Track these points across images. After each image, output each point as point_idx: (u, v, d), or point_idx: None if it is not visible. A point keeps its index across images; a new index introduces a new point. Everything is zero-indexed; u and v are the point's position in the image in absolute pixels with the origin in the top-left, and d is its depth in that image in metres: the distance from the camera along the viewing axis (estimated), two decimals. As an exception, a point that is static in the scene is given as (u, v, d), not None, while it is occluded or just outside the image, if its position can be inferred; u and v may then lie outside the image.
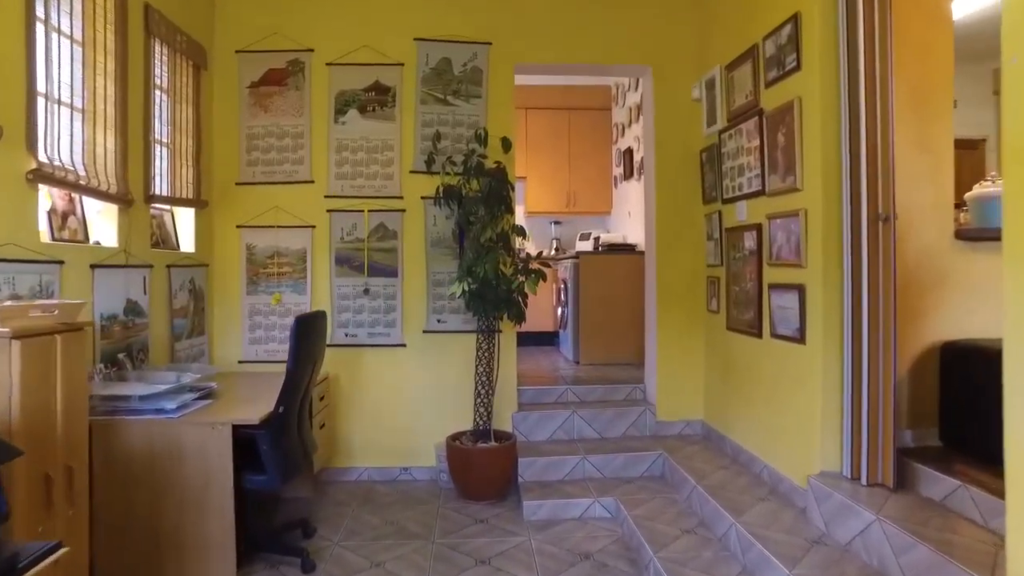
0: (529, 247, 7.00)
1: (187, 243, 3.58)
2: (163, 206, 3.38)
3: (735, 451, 3.43)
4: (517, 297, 3.51)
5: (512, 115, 3.97)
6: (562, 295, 5.80)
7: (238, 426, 2.45)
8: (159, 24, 3.13)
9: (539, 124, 6.89)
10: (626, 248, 5.62)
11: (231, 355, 3.83)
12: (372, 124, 3.88)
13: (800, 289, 2.78)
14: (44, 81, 2.33)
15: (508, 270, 3.54)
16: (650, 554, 2.60)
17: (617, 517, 3.19)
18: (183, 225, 3.58)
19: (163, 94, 3.25)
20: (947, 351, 2.64)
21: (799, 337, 2.79)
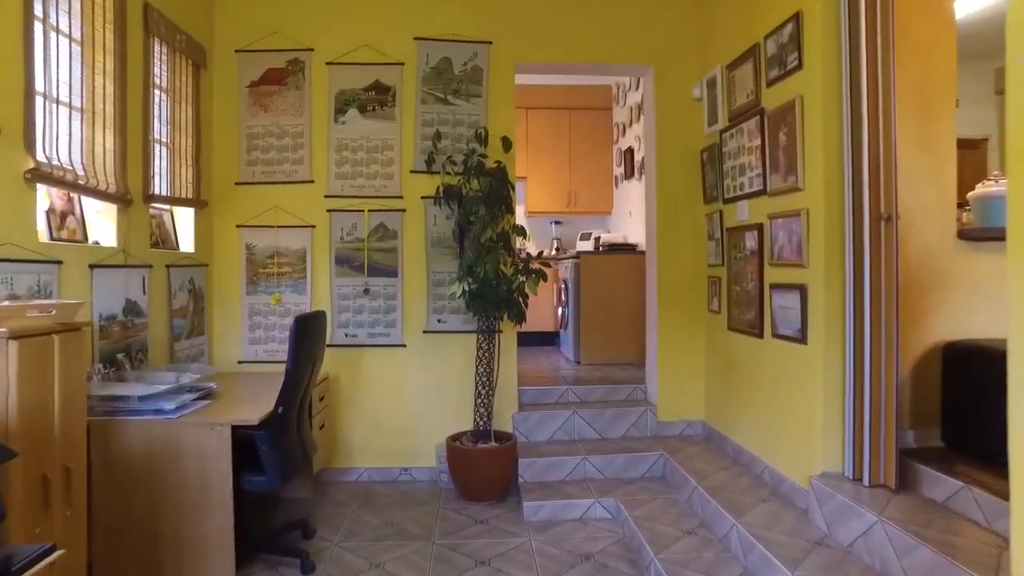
0: (530, 247, 7.00)
1: (187, 243, 3.57)
2: (162, 206, 3.37)
3: (736, 452, 3.42)
4: (517, 297, 3.50)
5: (512, 115, 3.96)
6: (563, 295, 5.79)
7: (237, 426, 2.44)
8: (158, 23, 3.12)
9: (540, 124, 6.88)
10: (627, 248, 5.61)
11: (231, 355, 3.82)
12: (372, 124, 3.87)
13: (802, 289, 2.77)
14: (43, 80, 2.32)
15: (508, 270, 3.53)
16: (651, 555, 2.59)
17: (618, 518, 3.18)
18: (183, 225, 3.57)
19: (162, 93, 3.25)
20: (949, 351, 2.63)
21: (801, 337, 2.78)
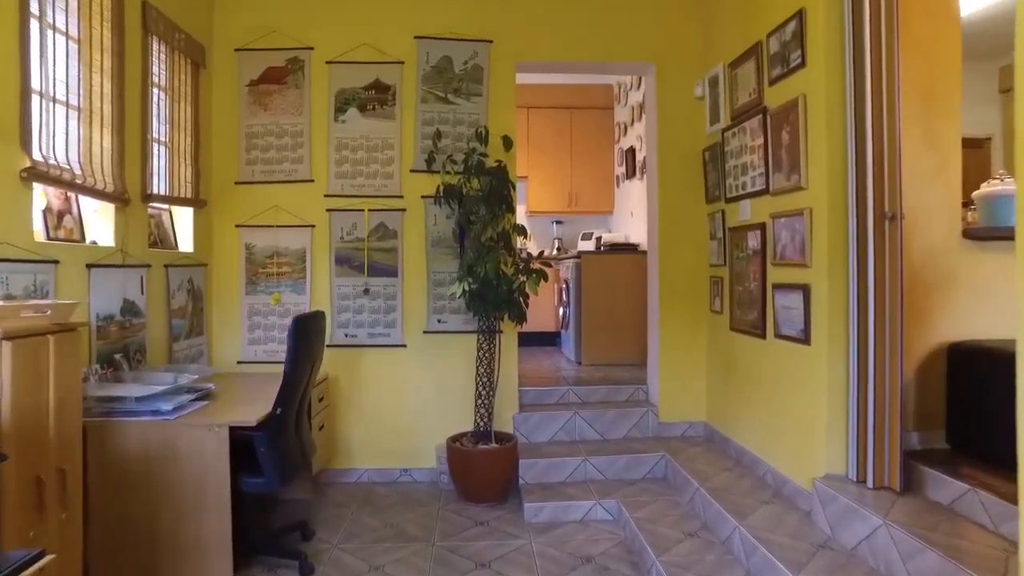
0: (531, 247, 6.97)
1: (185, 243, 3.56)
2: (161, 205, 3.35)
3: (738, 453, 3.39)
4: (518, 297, 3.48)
5: (513, 113, 3.93)
6: (564, 295, 5.76)
7: (235, 428, 2.42)
8: (157, 21, 3.10)
9: (541, 123, 6.86)
10: (628, 248, 5.59)
11: (230, 355, 3.80)
12: (372, 123, 3.85)
13: (805, 289, 2.74)
14: (39, 78, 2.31)
15: (509, 270, 3.51)
16: (652, 558, 2.56)
17: (619, 520, 3.16)
18: (181, 224, 3.55)
19: (161, 92, 3.23)
20: (954, 352, 2.60)
21: (803, 338, 2.75)
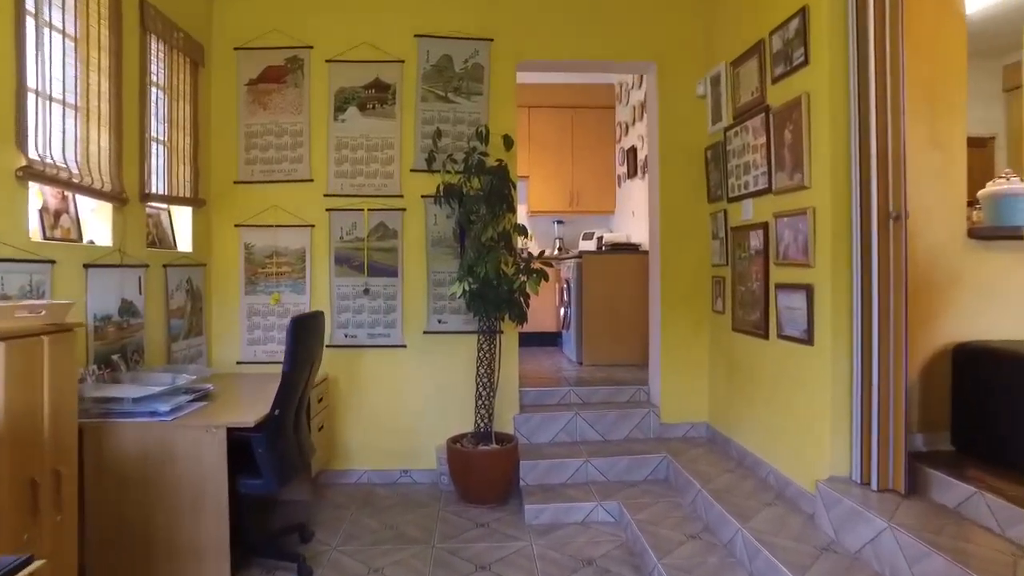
0: (532, 247, 6.94)
1: (184, 242, 3.54)
2: (160, 205, 3.33)
3: (740, 454, 3.36)
4: (519, 297, 3.46)
5: (514, 112, 3.91)
6: (565, 295, 5.74)
7: (233, 429, 2.40)
8: (155, 20, 3.08)
9: (542, 123, 6.83)
10: (630, 248, 5.57)
11: (229, 356, 3.78)
12: (372, 122, 3.83)
13: (808, 289, 2.72)
14: (35, 77, 2.29)
15: (510, 270, 3.49)
16: (654, 560, 2.54)
17: (620, 522, 3.13)
18: (180, 224, 3.53)
19: (160, 91, 3.21)
20: (959, 353, 2.57)
21: (807, 338, 2.73)
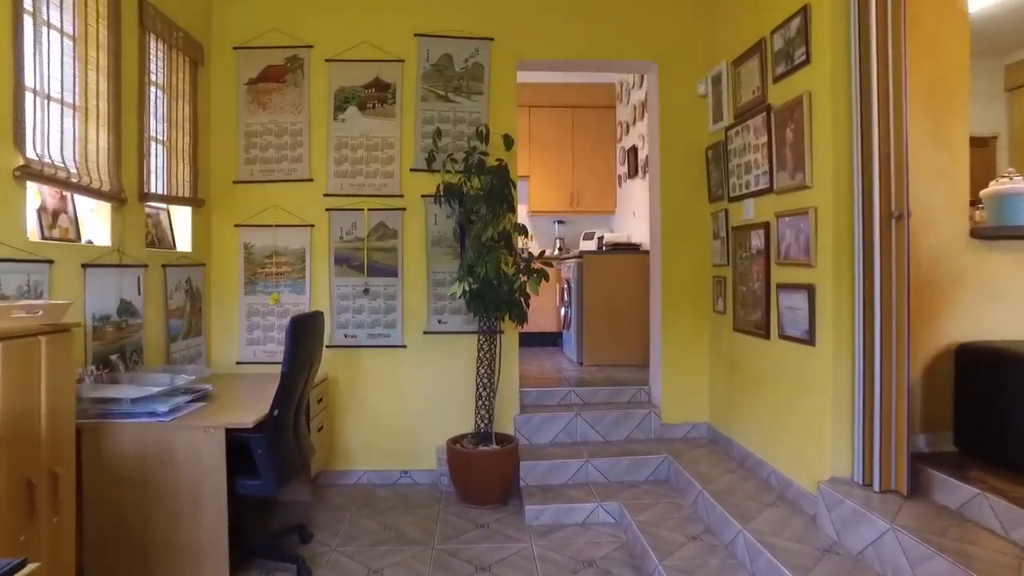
0: (533, 247, 6.93)
1: (184, 242, 3.52)
2: (159, 205, 3.32)
3: (742, 455, 3.35)
4: (519, 297, 3.45)
5: (514, 112, 3.90)
6: (565, 295, 5.73)
7: (232, 429, 2.39)
8: (154, 19, 3.07)
9: (543, 122, 6.82)
10: (630, 248, 5.55)
11: (229, 356, 3.77)
12: (372, 121, 3.82)
13: (809, 289, 2.70)
14: (33, 76, 2.28)
15: (510, 270, 3.48)
16: (655, 562, 2.52)
17: (621, 523, 3.12)
18: (180, 224, 3.52)
19: (159, 90, 3.20)
20: (962, 353, 2.56)
21: (808, 338, 2.71)
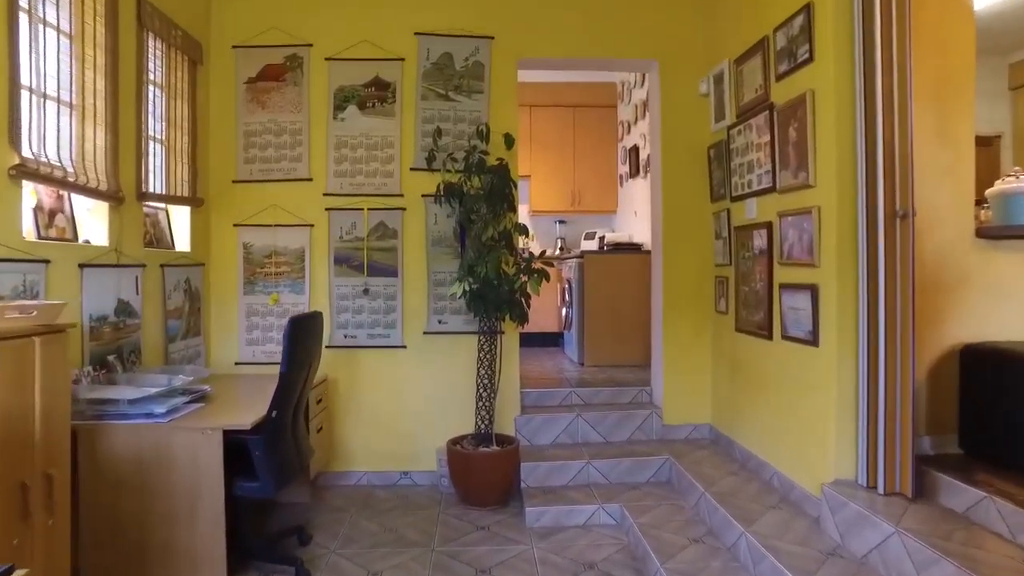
0: (534, 246, 6.91)
1: (182, 242, 3.50)
2: (157, 204, 3.30)
3: (744, 456, 3.32)
4: (520, 297, 3.42)
5: (515, 111, 3.88)
6: (566, 295, 5.70)
7: (230, 431, 2.37)
8: (152, 17, 3.05)
9: (544, 122, 6.79)
10: (632, 248, 5.53)
11: (228, 356, 3.75)
12: (372, 120, 3.80)
13: (813, 289, 2.68)
14: (29, 74, 2.25)
15: (510, 270, 3.46)
16: (656, 564, 2.50)
17: (622, 525, 3.10)
18: (178, 224, 3.50)
19: (157, 89, 3.18)
20: (968, 354, 2.53)
21: (812, 339, 2.69)
